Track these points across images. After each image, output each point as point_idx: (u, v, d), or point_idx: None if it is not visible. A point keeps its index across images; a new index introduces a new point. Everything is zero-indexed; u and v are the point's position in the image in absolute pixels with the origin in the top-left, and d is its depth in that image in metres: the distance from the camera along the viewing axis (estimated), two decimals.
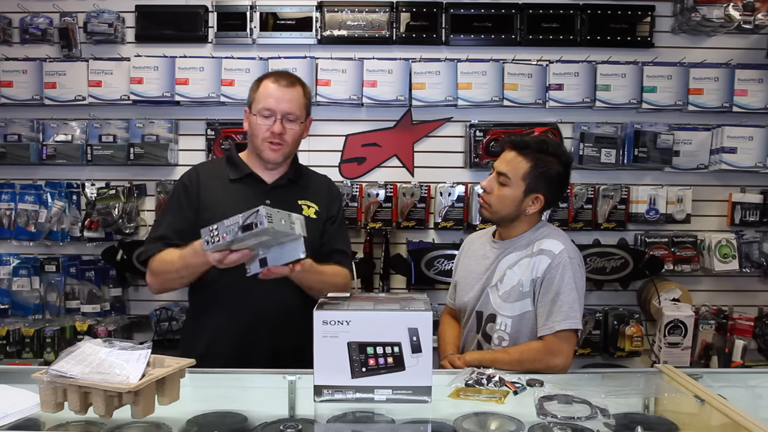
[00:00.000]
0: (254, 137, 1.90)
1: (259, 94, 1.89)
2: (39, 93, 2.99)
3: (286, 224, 1.47)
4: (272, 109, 1.86)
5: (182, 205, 1.92)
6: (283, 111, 1.87)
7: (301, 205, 1.97)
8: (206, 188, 1.92)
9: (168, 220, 1.92)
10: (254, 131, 1.90)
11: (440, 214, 3.00)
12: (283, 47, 3.02)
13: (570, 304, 1.80)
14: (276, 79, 1.91)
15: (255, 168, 1.95)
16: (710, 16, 2.84)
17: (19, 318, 3.00)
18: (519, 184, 1.88)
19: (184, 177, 1.98)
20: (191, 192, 1.92)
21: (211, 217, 1.82)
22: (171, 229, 1.89)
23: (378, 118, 3.08)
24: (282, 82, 1.90)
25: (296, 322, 1.91)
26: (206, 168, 2.02)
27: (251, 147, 1.95)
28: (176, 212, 1.92)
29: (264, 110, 1.86)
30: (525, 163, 1.89)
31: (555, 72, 2.98)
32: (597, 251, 2.94)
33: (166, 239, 1.87)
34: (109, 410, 1.24)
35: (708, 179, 3.09)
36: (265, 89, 1.89)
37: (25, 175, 3.05)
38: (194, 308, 2.01)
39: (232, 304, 1.86)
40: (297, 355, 1.88)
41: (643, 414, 1.48)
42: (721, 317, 3.01)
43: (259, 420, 1.35)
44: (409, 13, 3.02)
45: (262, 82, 1.92)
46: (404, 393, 1.39)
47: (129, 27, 3.04)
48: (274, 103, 1.86)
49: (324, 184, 2.10)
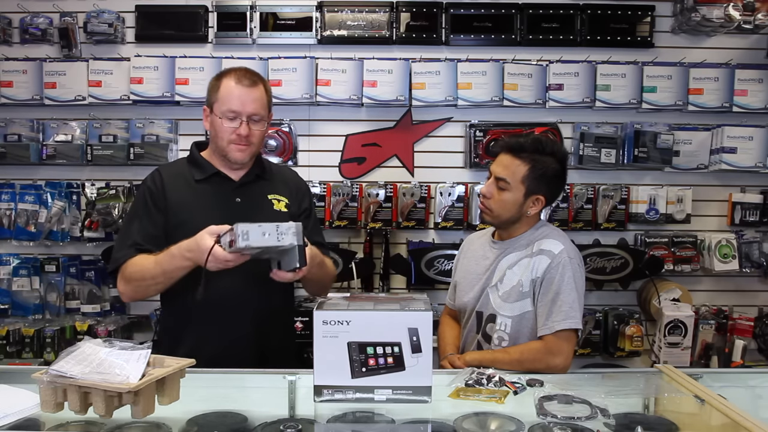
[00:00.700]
0: (219, 139, 1.84)
1: (222, 95, 1.83)
2: (39, 93, 2.99)
3: (271, 237, 1.46)
4: (237, 111, 1.81)
5: (150, 209, 1.84)
6: (249, 113, 1.82)
7: (271, 200, 1.94)
8: (172, 190, 1.86)
9: (136, 226, 1.84)
10: (219, 133, 1.83)
11: (440, 214, 3.00)
12: (283, 47, 3.02)
13: (570, 304, 1.80)
14: (238, 78, 1.84)
15: (220, 166, 1.90)
16: (710, 16, 2.84)
17: (19, 318, 3.00)
18: (519, 188, 1.88)
19: (148, 181, 1.90)
20: (157, 195, 1.85)
21: (180, 219, 1.80)
22: (141, 234, 1.82)
23: (378, 118, 3.08)
24: (244, 81, 1.83)
25: (279, 323, 1.92)
26: (169, 170, 1.94)
27: (214, 147, 1.89)
28: (144, 217, 1.84)
29: (228, 112, 1.81)
30: (523, 167, 1.88)
31: (555, 72, 2.98)
32: (597, 251, 2.94)
33: (138, 245, 1.80)
34: (109, 410, 1.24)
35: (708, 179, 3.09)
36: (228, 90, 1.83)
37: (25, 175, 3.05)
38: (173, 316, 1.92)
39: (213, 310, 1.81)
40: (282, 354, 1.90)
41: (643, 414, 1.48)
42: (721, 317, 3.01)
43: (259, 420, 1.35)
44: (409, 13, 3.02)
45: (222, 81, 1.85)
46: (404, 393, 1.39)
47: (129, 27, 3.05)
48: (239, 105, 1.81)
49: (292, 178, 2.07)
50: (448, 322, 2.15)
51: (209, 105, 1.87)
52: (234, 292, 1.81)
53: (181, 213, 1.81)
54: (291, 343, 2.05)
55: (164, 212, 1.83)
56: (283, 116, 3.02)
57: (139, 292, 1.81)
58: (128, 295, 1.83)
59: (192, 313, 1.82)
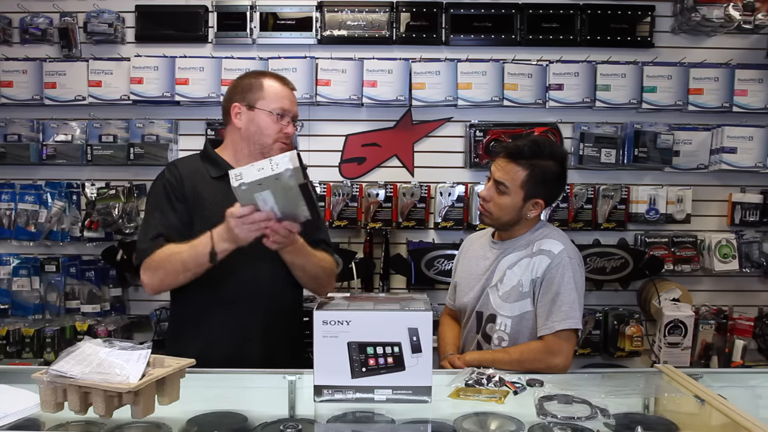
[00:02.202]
0: (263, 136, 1.85)
1: (269, 93, 1.86)
2: (39, 93, 2.99)
3: (265, 169, 1.43)
4: (288, 109, 1.87)
5: (171, 201, 1.83)
6: (294, 113, 1.90)
7: None
8: (190, 185, 1.85)
9: (158, 218, 1.82)
10: (264, 130, 1.85)
11: (440, 214, 3.00)
12: (283, 47, 3.02)
13: (570, 304, 1.80)
14: (279, 79, 1.91)
15: (236, 165, 1.87)
16: (710, 16, 2.84)
17: (19, 318, 3.01)
18: (518, 192, 1.88)
19: (166, 174, 1.88)
20: (177, 188, 1.84)
21: (197, 214, 1.81)
22: (165, 226, 1.80)
23: (378, 118, 3.08)
24: (288, 84, 1.91)
25: (286, 315, 1.93)
26: (184, 165, 1.93)
27: (251, 145, 1.88)
28: (166, 209, 1.82)
29: (279, 110, 1.85)
30: (521, 171, 1.88)
31: (555, 72, 2.98)
32: (597, 251, 2.94)
33: (163, 236, 1.78)
34: (109, 410, 1.23)
35: (708, 179, 3.09)
36: (275, 89, 1.87)
37: (25, 175, 3.05)
38: (184, 314, 1.90)
39: (224, 306, 1.82)
40: (294, 346, 1.92)
41: (643, 414, 1.47)
42: (721, 317, 3.01)
43: (259, 420, 1.35)
44: (409, 13, 3.02)
45: (264, 80, 1.89)
46: (404, 393, 1.39)
47: (129, 27, 3.05)
48: (289, 105, 1.88)
49: None
50: (448, 322, 2.15)
51: (248, 103, 1.86)
52: (247, 290, 1.82)
53: (198, 208, 1.82)
54: (301, 342, 2.04)
55: (185, 203, 1.83)
56: None
57: (166, 282, 1.77)
58: (154, 285, 1.79)
59: (207, 311, 1.83)
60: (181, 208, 1.83)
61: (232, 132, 1.92)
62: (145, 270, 1.78)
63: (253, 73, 1.97)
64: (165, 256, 1.74)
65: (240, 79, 1.94)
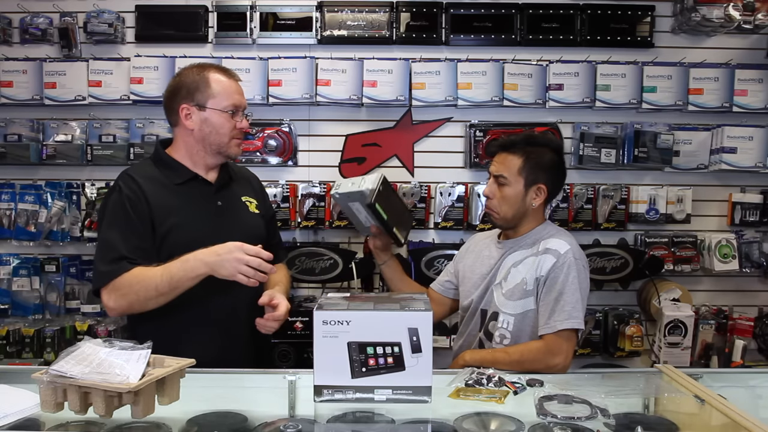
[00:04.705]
0: (219, 135, 1.81)
1: (217, 91, 1.80)
2: (39, 93, 2.98)
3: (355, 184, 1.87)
4: (239, 105, 1.83)
5: (131, 219, 1.72)
6: (245, 106, 1.86)
7: (245, 202, 1.93)
8: (153, 195, 1.76)
9: (118, 238, 1.70)
10: (218, 129, 1.80)
11: (440, 214, 3.00)
12: (283, 47, 3.02)
13: (573, 304, 1.80)
14: (226, 73, 1.84)
15: (195, 169, 1.85)
16: (710, 16, 2.83)
17: (19, 318, 3.00)
18: (517, 180, 1.91)
19: (123, 188, 1.75)
20: (137, 203, 1.73)
21: (167, 226, 1.74)
22: (126, 247, 1.69)
23: (378, 118, 3.08)
24: (233, 76, 1.85)
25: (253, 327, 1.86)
26: (140, 173, 1.81)
27: (205, 145, 1.82)
28: (126, 228, 1.71)
29: (230, 108, 1.81)
30: (516, 159, 1.92)
31: (555, 72, 2.98)
32: (597, 251, 2.94)
33: (127, 259, 1.68)
34: (109, 410, 1.24)
35: (708, 179, 3.09)
36: (222, 86, 1.81)
37: (25, 175, 3.05)
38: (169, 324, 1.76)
39: (209, 312, 1.79)
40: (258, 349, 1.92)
41: (643, 414, 1.48)
42: (721, 317, 3.01)
43: (259, 420, 1.35)
44: (409, 13, 3.02)
45: (211, 76, 1.81)
46: (404, 393, 1.39)
47: (129, 27, 3.04)
48: (240, 99, 1.84)
49: (252, 178, 2.08)
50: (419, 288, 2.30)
51: (197, 103, 1.80)
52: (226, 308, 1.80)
53: (168, 219, 1.75)
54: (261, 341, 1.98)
55: (150, 220, 1.74)
56: (283, 116, 3.02)
57: (135, 306, 1.69)
58: (121, 309, 1.71)
59: (188, 329, 1.76)
60: (143, 226, 1.73)
61: (184, 134, 1.85)
62: (109, 293, 1.69)
63: (194, 67, 1.87)
64: (135, 280, 1.66)
65: (181, 76, 1.86)
